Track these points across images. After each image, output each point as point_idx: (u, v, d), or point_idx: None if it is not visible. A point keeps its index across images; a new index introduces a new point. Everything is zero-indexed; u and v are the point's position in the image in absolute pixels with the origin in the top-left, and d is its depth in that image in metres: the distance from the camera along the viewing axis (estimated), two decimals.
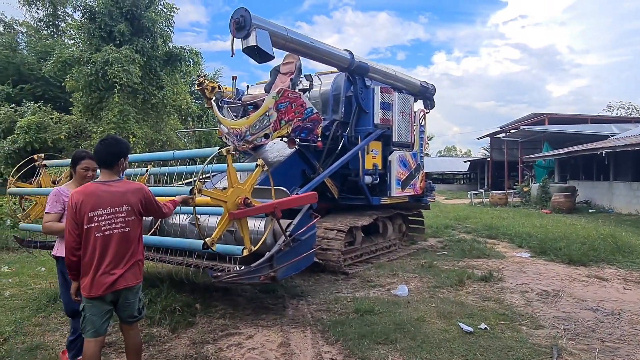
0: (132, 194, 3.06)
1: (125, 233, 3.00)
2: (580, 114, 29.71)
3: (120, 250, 2.98)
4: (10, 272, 6.95)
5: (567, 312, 5.16)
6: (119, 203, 2.99)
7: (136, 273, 3.07)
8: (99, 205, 2.94)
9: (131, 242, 3.04)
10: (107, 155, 3.07)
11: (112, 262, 2.95)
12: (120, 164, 3.12)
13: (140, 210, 3.10)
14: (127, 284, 3.00)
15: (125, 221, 3.00)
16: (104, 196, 2.97)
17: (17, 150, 14.84)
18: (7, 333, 4.30)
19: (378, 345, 4.08)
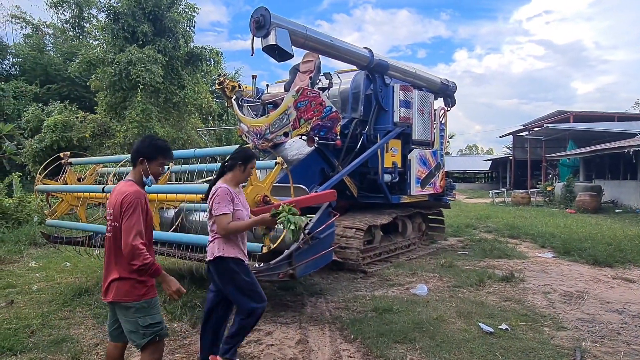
0: (116, 195, 2.77)
1: (109, 238, 2.78)
2: (607, 112, 28.93)
3: (105, 256, 2.81)
4: (37, 267, 7.16)
5: (591, 314, 5.04)
6: (111, 204, 2.79)
7: (121, 290, 2.70)
8: (108, 204, 2.84)
9: (115, 249, 2.72)
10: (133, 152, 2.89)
11: (105, 267, 2.81)
12: (139, 164, 2.84)
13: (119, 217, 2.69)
14: (112, 298, 2.73)
15: (111, 225, 2.76)
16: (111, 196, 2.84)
17: (44, 149, 15.29)
18: (34, 326, 4.43)
19: (397, 344, 4.06)
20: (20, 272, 6.81)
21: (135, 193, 2.69)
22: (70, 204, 6.13)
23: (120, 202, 2.67)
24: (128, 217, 2.62)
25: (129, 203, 2.64)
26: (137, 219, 2.63)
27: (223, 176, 3.47)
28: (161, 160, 2.89)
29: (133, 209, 2.63)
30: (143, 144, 2.88)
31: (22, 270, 6.99)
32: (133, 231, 2.59)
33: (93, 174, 6.36)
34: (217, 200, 3.28)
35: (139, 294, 2.70)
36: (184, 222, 5.42)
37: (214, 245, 3.37)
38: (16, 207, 10.41)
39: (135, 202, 2.66)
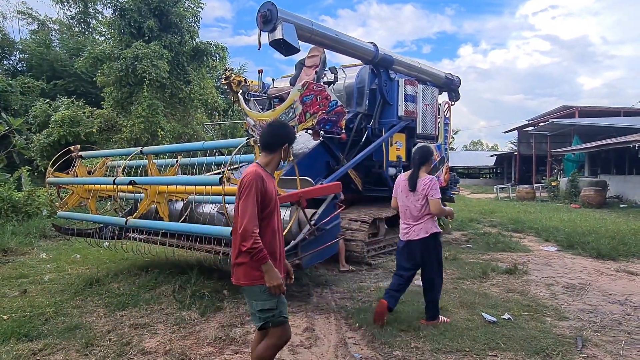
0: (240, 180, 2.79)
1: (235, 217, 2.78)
2: (612, 107, 28.81)
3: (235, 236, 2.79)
4: (48, 259, 7.29)
5: (594, 305, 5.11)
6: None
7: (239, 273, 2.75)
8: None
9: (234, 230, 2.78)
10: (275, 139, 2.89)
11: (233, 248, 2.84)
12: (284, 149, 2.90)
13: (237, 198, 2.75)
14: (235, 280, 2.80)
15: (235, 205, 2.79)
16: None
17: (52, 143, 15.44)
18: (48, 314, 4.55)
19: (401, 333, 4.15)
20: (32, 263, 6.95)
21: (253, 174, 2.68)
22: (81, 197, 6.25)
23: (240, 184, 2.71)
24: (243, 199, 2.64)
25: (246, 185, 2.65)
26: (252, 201, 2.61)
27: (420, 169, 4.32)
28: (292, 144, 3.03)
29: (249, 191, 2.63)
30: (284, 130, 2.92)
31: (34, 261, 7.13)
32: (247, 213, 2.59)
33: (103, 167, 6.48)
34: (434, 187, 4.20)
35: (251, 278, 2.71)
36: (192, 214, 5.53)
37: (426, 225, 4.25)
38: (26, 201, 10.55)
39: (252, 183, 2.64)
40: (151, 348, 3.83)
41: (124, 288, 5.44)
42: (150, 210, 5.60)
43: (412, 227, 4.28)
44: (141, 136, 16.09)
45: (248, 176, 2.68)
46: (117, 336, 4.06)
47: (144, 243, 5.88)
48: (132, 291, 5.28)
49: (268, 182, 2.75)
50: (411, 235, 4.28)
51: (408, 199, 4.33)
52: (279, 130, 2.90)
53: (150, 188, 5.31)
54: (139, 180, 5.08)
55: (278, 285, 2.68)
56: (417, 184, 4.25)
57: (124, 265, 6.58)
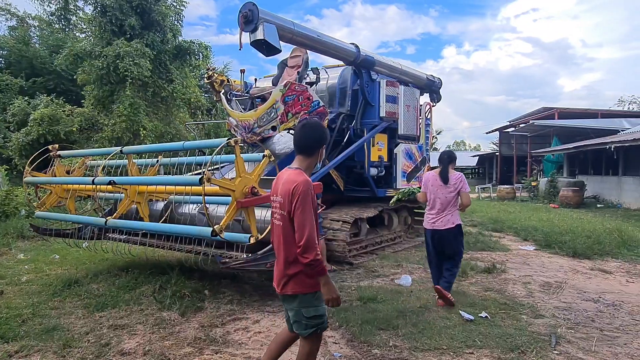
0: (284, 184, 2.64)
1: (280, 227, 2.68)
2: (590, 109, 29.44)
3: (275, 244, 2.75)
4: (26, 259, 7.17)
5: (568, 303, 5.24)
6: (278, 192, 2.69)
7: (291, 282, 2.65)
8: (273, 191, 2.79)
9: (282, 239, 2.65)
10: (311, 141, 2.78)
11: (276, 257, 2.76)
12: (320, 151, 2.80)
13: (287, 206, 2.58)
14: (283, 290, 2.70)
15: (279, 214, 2.67)
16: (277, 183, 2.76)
17: (31, 142, 15.17)
18: (25, 315, 4.49)
19: (380, 331, 4.20)
20: (9, 264, 6.83)
21: (306, 183, 2.57)
22: (60, 196, 6.17)
23: (291, 192, 2.54)
24: (301, 209, 2.51)
25: (302, 193, 2.52)
26: (310, 212, 2.53)
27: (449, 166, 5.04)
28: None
29: (306, 200, 2.52)
30: (320, 131, 2.79)
31: (11, 262, 7.01)
32: (308, 224, 2.50)
33: (82, 167, 6.41)
34: (465, 182, 4.99)
35: (306, 286, 2.64)
36: (173, 214, 5.50)
37: (453, 216, 4.98)
38: (3, 201, 10.35)
39: (307, 191, 2.54)
40: (130, 349, 3.81)
41: (103, 289, 5.39)
42: (131, 210, 5.56)
43: (439, 218, 4.99)
44: (123, 135, 15.90)
45: (302, 185, 2.54)
46: (96, 337, 4.03)
47: (124, 243, 5.83)
48: (112, 292, 5.24)
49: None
50: (438, 224, 5.00)
51: (439, 191, 5.01)
52: (315, 132, 2.76)
53: (130, 188, 5.27)
54: (118, 180, 5.04)
55: (337, 297, 2.66)
56: (449, 178, 4.96)
57: (104, 265, 6.51)
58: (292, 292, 2.65)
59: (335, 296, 2.64)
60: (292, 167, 2.73)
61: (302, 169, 2.69)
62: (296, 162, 2.75)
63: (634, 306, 5.14)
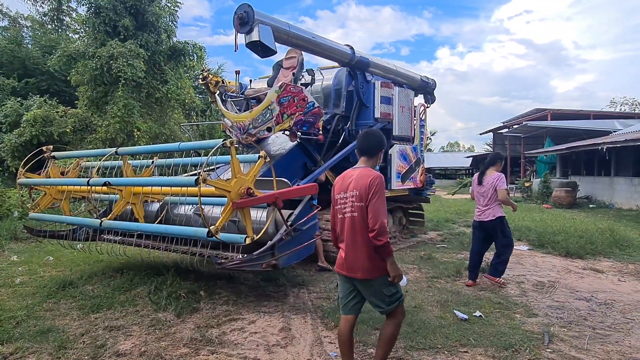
0: (358, 179, 3.03)
1: (351, 218, 3.04)
2: (583, 110, 29.70)
3: (349, 236, 3.05)
4: (19, 261, 7.13)
5: (561, 302, 5.30)
6: (351, 187, 3.05)
7: (371, 267, 2.99)
8: (342, 189, 3.14)
9: (361, 228, 2.98)
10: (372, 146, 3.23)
11: (345, 246, 3.09)
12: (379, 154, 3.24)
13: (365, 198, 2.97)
14: (361, 275, 3.02)
15: (353, 206, 3.02)
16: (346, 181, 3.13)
17: (24, 143, 15.07)
18: (19, 317, 4.47)
19: (375, 331, 4.23)
20: (2, 266, 6.79)
21: (380, 177, 3.00)
22: (54, 198, 6.14)
23: (368, 184, 2.94)
24: (377, 198, 2.91)
25: (378, 185, 2.94)
26: (384, 200, 2.94)
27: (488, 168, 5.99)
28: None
29: (381, 191, 2.94)
30: (380, 138, 3.25)
31: (4, 264, 6.96)
32: (382, 211, 2.90)
33: (76, 168, 6.39)
34: (502, 181, 5.77)
35: (382, 270, 2.99)
36: (168, 215, 5.50)
37: (493, 209, 5.81)
38: None
39: (382, 184, 2.97)
40: (126, 350, 3.81)
41: (98, 290, 5.37)
42: (126, 211, 5.55)
43: (483, 212, 5.87)
44: (117, 136, 15.84)
45: (377, 178, 2.97)
46: (91, 339, 4.02)
47: (119, 245, 5.82)
48: (107, 293, 5.23)
49: None
50: (482, 217, 5.89)
51: (478, 190, 5.96)
52: (377, 138, 3.24)
53: (125, 189, 5.27)
54: (113, 181, 5.03)
55: (400, 274, 3.04)
56: (484, 180, 5.91)
57: (99, 267, 6.49)
58: (372, 277, 3.01)
59: (400, 273, 3.03)
60: (359, 167, 3.17)
61: (369, 168, 3.14)
62: (361, 162, 3.20)
63: (625, 305, 5.21)
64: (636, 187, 16.56)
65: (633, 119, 27.43)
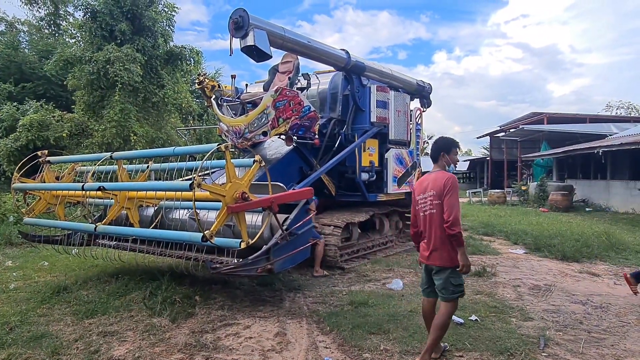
0: (435, 181, 3.55)
1: (430, 215, 3.56)
2: (579, 114, 29.78)
3: (429, 230, 3.58)
4: (14, 266, 7.10)
5: (557, 306, 5.29)
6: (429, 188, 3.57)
7: (443, 256, 3.51)
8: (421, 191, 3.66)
9: (438, 223, 3.49)
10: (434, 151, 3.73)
11: (426, 239, 3.62)
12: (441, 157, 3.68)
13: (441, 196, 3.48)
14: (432, 262, 3.57)
15: (432, 204, 3.54)
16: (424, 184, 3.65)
17: (20, 148, 15.00)
18: (12, 323, 4.45)
19: (371, 335, 4.22)
20: None
21: (453, 177, 3.52)
22: (49, 203, 6.12)
23: (443, 184, 3.47)
24: (451, 195, 3.43)
25: (452, 184, 3.46)
26: (457, 197, 3.46)
27: None
28: (455, 150, 3.74)
29: (455, 189, 3.46)
30: (440, 142, 3.75)
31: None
32: (456, 205, 3.42)
33: (71, 173, 6.37)
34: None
35: (453, 260, 3.48)
36: (163, 220, 5.49)
37: None
38: None
39: (455, 183, 3.49)
40: (120, 356, 3.79)
41: (93, 295, 5.35)
42: (121, 216, 5.54)
43: None
44: (113, 141, 15.79)
45: (451, 178, 3.51)
46: (85, 344, 4.00)
47: (114, 249, 5.79)
48: (101, 298, 5.20)
49: None
50: None
51: None
52: (437, 144, 3.75)
53: (120, 194, 5.25)
54: (108, 186, 5.01)
55: (469, 264, 3.50)
56: None
57: (93, 272, 6.46)
58: (443, 265, 3.52)
59: (469, 263, 3.50)
60: (433, 172, 3.69)
61: (441, 170, 3.66)
62: (434, 167, 3.72)
63: (621, 308, 5.21)
64: (632, 190, 16.61)
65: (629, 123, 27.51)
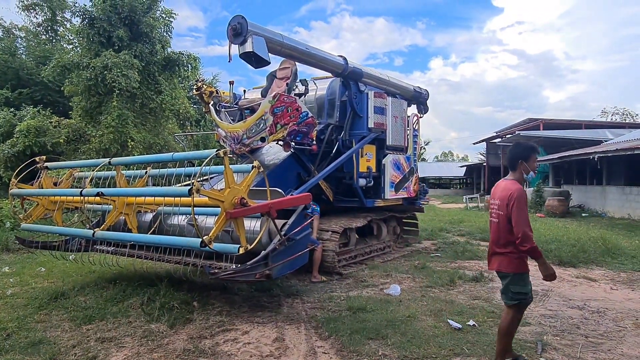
0: (502, 191, 3.55)
1: (495, 223, 3.57)
2: (574, 120, 30.00)
3: (494, 235, 3.61)
4: (11, 272, 7.07)
5: (554, 310, 5.31)
6: (496, 197, 3.59)
7: (504, 263, 3.53)
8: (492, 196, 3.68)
9: (499, 231, 3.52)
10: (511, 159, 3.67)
11: (491, 243, 3.66)
12: (519, 165, 3.60)
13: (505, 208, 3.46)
14: (495, 268, 3.61)
15: (496, 213, 3.55)
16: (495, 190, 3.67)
17: (17, 154, 15.00)
18: (10, 329, 4.43)
19: (369, 341, 4.23)
20: None
21: (519, 190, 3.44)
22: (46, 208, 6.11)
23: (507, 198, 3.43)
24: (516, 210, 3.36)
25: (517, 198, 3.38)
26: (525, 212, 3.38)
27: None
28: (535, 156, 3.62)
29: (520, 204, 3.38)
30: (517, 149, 3.64)
31: None
32: (523, 221, 3.34)
33: (69, 178, 6.37)
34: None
35: (513, 267, 3.49)
36: (162, 225, 5.49)
37: None
38: None
39: (521, 197, 3.40)
40: None
41: (91, 301, 5.33)
42: (119, 222, 5.53)
43: None
44: (110, 147, 15.80)
45: (515, 192, 3.42)
46: (83, 351, 3.98)
47: (112, 255, 5.78)
48: (99, 304, 5.19)
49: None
50: None
51: None
52: (513, 151, 3.66)
53: (118, 199, 5.25)
54: (106, 191, 5.02)
55: (553, 273, 3.52)
56: None
57: (91, 278, 6.44)
58: (506, 271, 3.53)
59: (551, 272, 3.51)
60: (507, 179, 3.64)
61: (515, 179, 3.59)
62: (510, 175, 3.68)
63: (617, 313, 5.23)
64: (628, 196, 16.71)
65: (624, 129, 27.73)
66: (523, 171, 3.62)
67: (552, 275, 3.48)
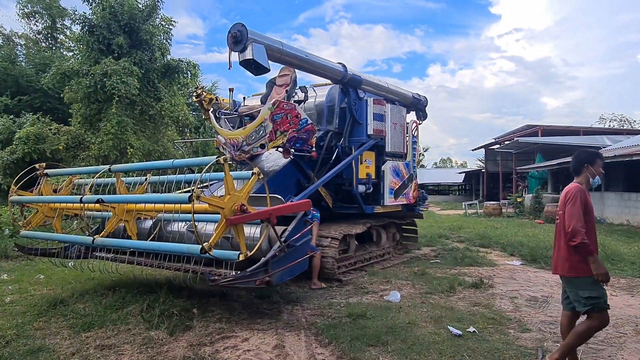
0: (564, 193, 3.66)
1: (558, 224, 3.69)
2: (573, 126, 30.11)
3: (557, 238, 3.72)
4: (9, 280, 7.05)
5: (554, 317, 5.30)
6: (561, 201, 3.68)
7: (566, 266, 3.54)
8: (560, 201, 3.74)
9: (561, 231, 3.59)
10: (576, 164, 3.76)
11: (555, 247, 3.76)
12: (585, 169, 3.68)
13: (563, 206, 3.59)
14: (559, 272, 3.64)
15: (559, 214, 3.66)
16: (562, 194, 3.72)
17: (16, 161, 15.01)
18: (9, 336, 4.41)
19: (370, 347, 4.21)
20: None
21: (575, 187, 3.57)
22: (46, 215, 6.11)
23: (565, 194, 3.58)
24: (570, 205, 3.47)
25: (573, 194, 3.50)
26: (577, 207, 3.44)
27: None
28: (600, 162, 3.72)
29: (574, 200, 3.47)
30: (583, 154, 3.76)
31: None
32: (575, 216, 3.40)
33: (69, 185, 6.37)
34: None
35: (580, 270, 3.46)
36: (161, 232, 5.49)
37: None
38: None
39: (575, 194, 3.49)
40: None
41: (90, 308, 5.32)
42: (118, 228, 5.53)
43: None
44: (110, 153, 15.82)
45: (573, 189, 3.56)
46: (82, 358, 3.97)
47: (112, 262, 5.77)
48: (98, 311, 5.17)
49: (588, 195, 3.60)
50: None
51: None
52: (576, 158, 3.77)
53: (118, 206, 5.26)
54: (106, 198, 5.02)
55: (605, 272, 3.40)
56: None
57: (90, 285, 6.43)
58: (570, 275, 3.53)
59: (603, 271, 3.39)
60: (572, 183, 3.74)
61: (579, 183, 3.68)
62: (575, 179, 3.76)
63: (617, 319, 5.22)
64: (626, 202, 16.73)
65: (622, 135, 27.78)
66: (589, 175, 3.69)
67: (604, 275, 3.38)
